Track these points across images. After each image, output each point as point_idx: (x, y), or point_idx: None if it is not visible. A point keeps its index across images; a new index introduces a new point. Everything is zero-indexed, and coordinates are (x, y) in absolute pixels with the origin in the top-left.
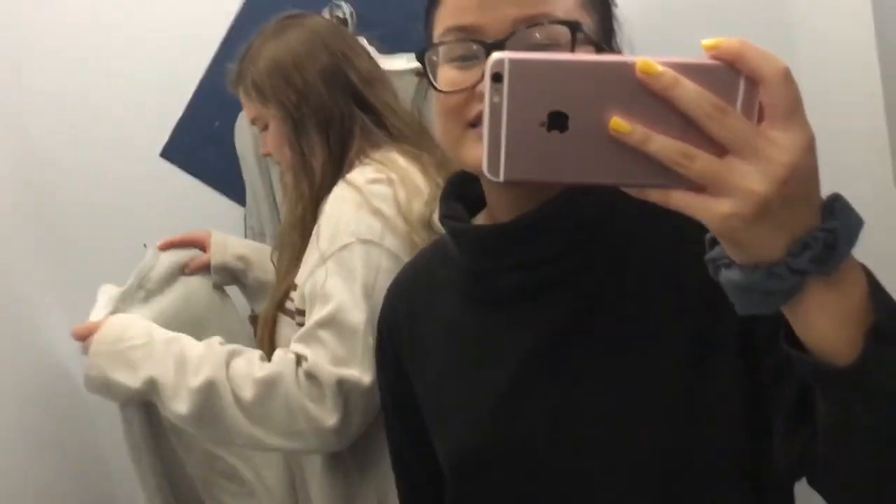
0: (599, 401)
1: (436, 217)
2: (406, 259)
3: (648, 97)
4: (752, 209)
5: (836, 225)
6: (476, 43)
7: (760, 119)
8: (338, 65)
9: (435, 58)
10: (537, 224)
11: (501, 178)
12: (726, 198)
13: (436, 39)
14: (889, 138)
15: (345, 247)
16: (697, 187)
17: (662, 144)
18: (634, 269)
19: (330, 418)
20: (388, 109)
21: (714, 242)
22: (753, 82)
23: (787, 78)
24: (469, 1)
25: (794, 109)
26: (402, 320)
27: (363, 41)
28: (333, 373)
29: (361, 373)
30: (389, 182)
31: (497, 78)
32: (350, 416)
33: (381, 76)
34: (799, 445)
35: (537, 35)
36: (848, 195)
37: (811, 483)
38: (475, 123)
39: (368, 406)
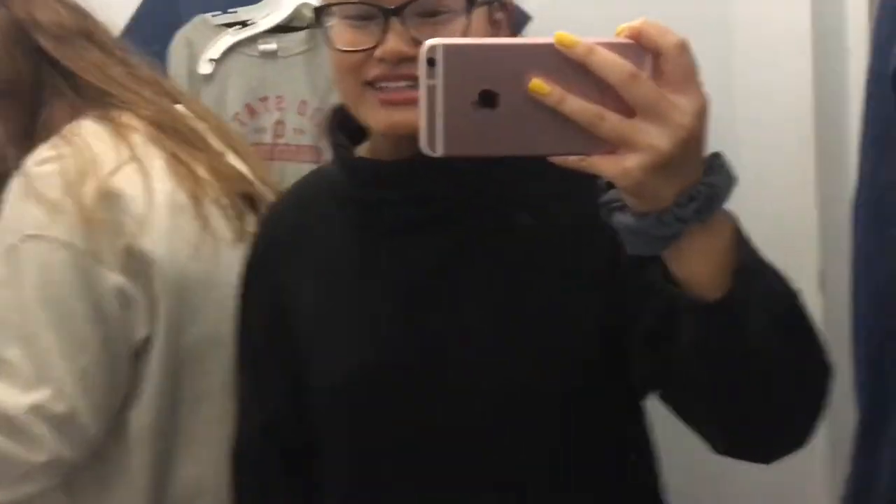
0: (485, 325)
1: (115, 186)
2: (83, 245)
3: (566, 71)
4: (655, 163)
5: (716, 180)
6: (375, 7)
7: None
8: (14, 20)
9: (322, 8)
10: (433, 162)
11: (439, 154)
12: (633, 153)
13: None
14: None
15: (11, 248)
16: (608, 152)
17: (578, 105)
18: (516, 208)
19: (37, 455)
20: (90, 69)
21: (609, 186)
22: (655, 54)
23: (684, 49)
24: None
25: (690, 77)
26: (282, 251)
27: None
28: (23, 401)
29: (57, 392)
30: (59, 158)
31: (431, 62)
32: (59, 445)
33: (83, 29)
34: (657, 364)
35: (436, 7)
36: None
37: (663, 397)
38: (372, 83)
39: (82, 428)
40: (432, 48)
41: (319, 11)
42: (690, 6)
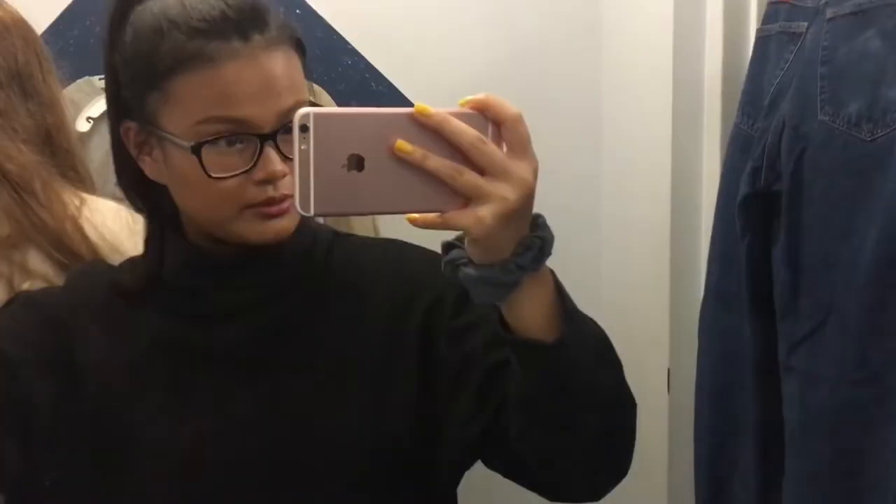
0: (299, 407)
1: None
2: None
3: (424, 137)
4: (504, 212)
5: (543, 233)
6: (252, 135)
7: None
8: None
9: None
10: (267, 253)
11: (312, 213)
12: (486, 205)
13: (193, 124)
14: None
15: None
16: (464, 205)
17: (438, 162)
18: (333, 293)
19: None
20: None
21: (449, 248)
22: (497, 124)
23: (520, 119)
24: (232, 97)
25: (526, 142)
26: (73, 326)
27: None
28: None
29: None
30: None
31: (304, 129)
32: None
33: None
34: (486, 418)
35: None
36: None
37: (492, 458)
38: (251, 205)
39: None
40: (305, 115)
41: (197, 147)
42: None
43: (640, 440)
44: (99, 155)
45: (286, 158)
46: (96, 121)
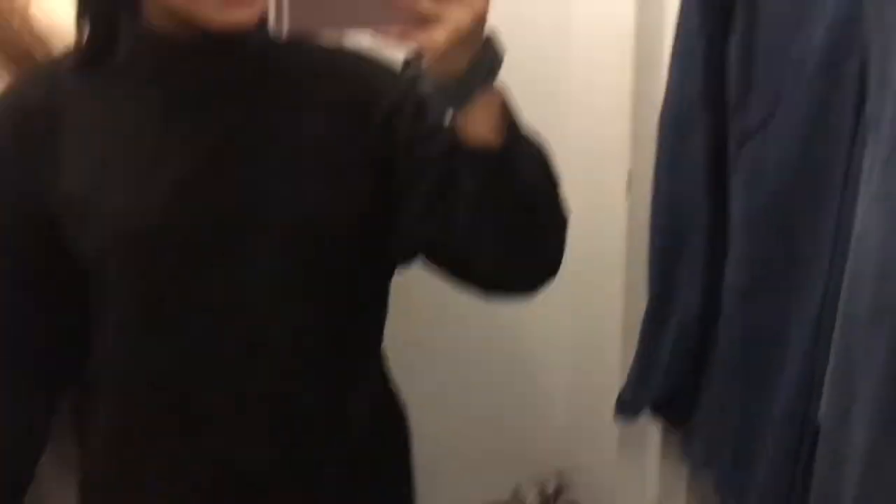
0: (264, 184)
1: None
2: None
3: None
4: (456, 34)
5: (494, 53)
6: None
7: None
8: None
9: None
10: (228, 41)
11: (285, 32)
12: (442, 28)
13: None
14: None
15: None
16: (422, 25)
17: None
18: (295, 87)
19: None
20: None
21: (409, 63)
22: None
23: None
24: None
25: None
26: (41, 122)
27: None
28: None
29: None
30: None
31: None
32: None
33: None
34: (435, 219)
35: None
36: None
37: (438, 258)
38: None
39: None
40: None
41: None
42: None
43: (599, 238)
44: None
45: None
46: None
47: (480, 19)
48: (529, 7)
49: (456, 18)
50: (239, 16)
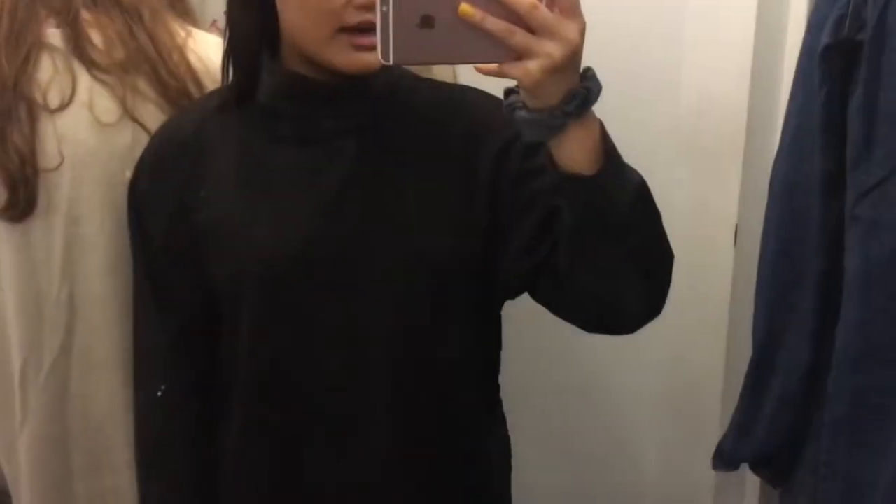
0: (391, 217)
1: None
2: None
3: (484, 3)
4: (550, 67)
5: (590, 85)
6: None
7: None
8: None
9: None
10: (359, 84)
11: (391, 62)
12: (535, 60)
13: None
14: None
15: None
16: (517, 58)
17: (494, 22)
18: (417, 127)
19: None
20: None
21: (508, 94)
22: None
23: None
24: None
25: (576, 6)
26: (185, 155)
27: None
28: None
29: None
30: None
31: None
32: None
33: None
34: (541, 253)
35: None
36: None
37: (540, 291)
38: (346, 29)
39: None
40: None
41: None
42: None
43: (704, 291)
44: None
45: None
46: None
47: (573, 52)
48: (644, 53)
49: (549, 52)
50: (367, 59)
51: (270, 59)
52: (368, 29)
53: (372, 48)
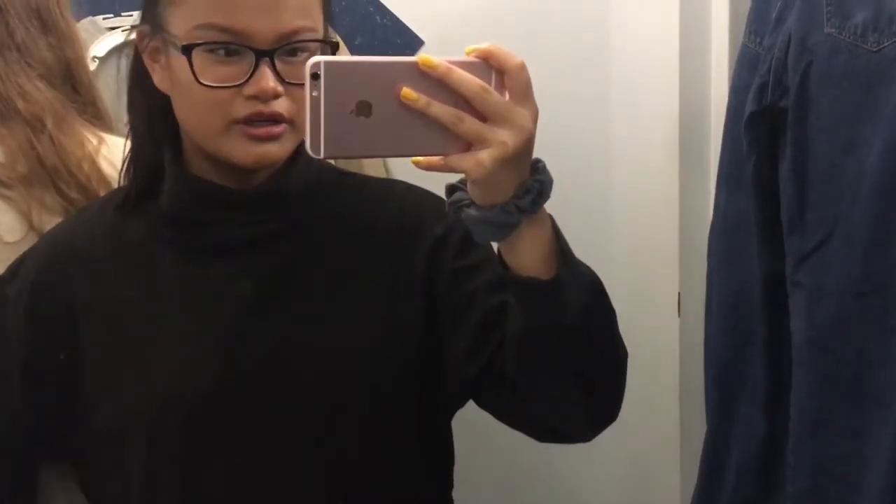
0: (312, 334)
1: None
2: None
3: (428, 85)
4: (504, 156)
5: (543, 177)
6: (246, 48)
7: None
8: None
9: (190, 46)
10: (271, 187)
11: (322, 156)
12: (486, 149)
13: (191, 28)
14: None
15: None
16: (465, 149)
17: (441, 109)
18: (339, 228)
19: None
20: None
21: (452, 191)
22: (500, 72)
23: (523, 68)
24: (232, 7)
25: (528, 90)
26: (75, 266)
27: None
28: None
29: None
30: None
31: (315, 77)
32: None
33: None
34: (485, 356)
35: (298, 47)
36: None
37: (485, 397)
38: (239, 121)
39: None
40: (316, 64)
41: (187, 48)
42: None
43: (651, 364)
44: (106, 95)
45: (282, 80)
46: (101, 60)
47: (527, 140)
48: (569, 126)
49: (502, 139)
50: (265, 150)
51: (173, 163)
52: (261, 120)
53: (268, 138)
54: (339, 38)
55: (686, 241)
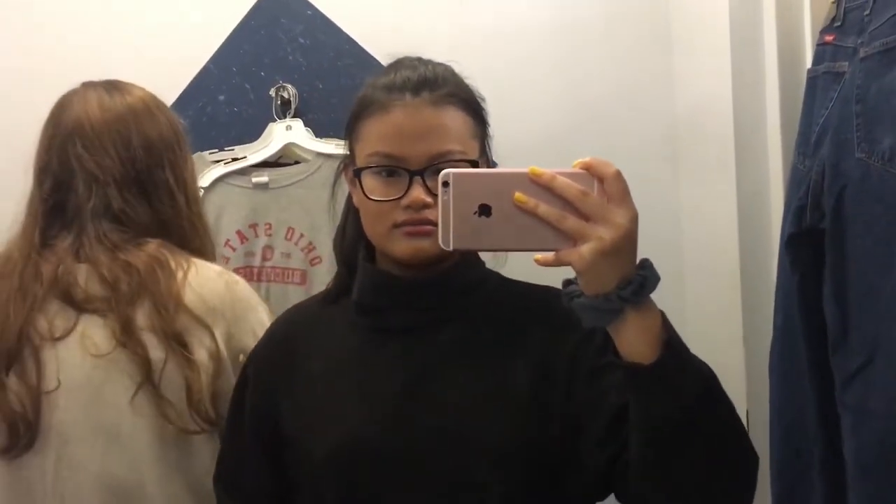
0: (471, 406)
1: None
2: None
3: (538, 191)
4: (602, 249)
5: (646, 273)
6: (402, 169)
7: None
8: None
9: (360, 169)
10: (438, 280)
11: (451, 248)
12: (587, 244)
13: (365, 156)
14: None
15: None
16: (571, 245)
17: (547, 210)
18: (495, 323)
19: None
20: None
21: (567, 284)
22: (600, 180)
23: (619, 176)
24: (394, 137)
25: (625, 195)
26: (279, 359)
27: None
28: None
29: None
30: None
31: (445, 185)
32: None
33: None
34: (612, 449)
35: (444, 166)
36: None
37: (620, 490)
38: (398, 225)
39: None
40: (446, 174)
41: (358, 171)
42: None
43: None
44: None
45: (430, 192)
46: (206, 190)
47: (624, 237)
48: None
49: (599, 235)
50: (418, 245)
51: (364, 260)
52: (418, 222)
53: (422, 235)
54: (488, 159)
55: (752, 356)
